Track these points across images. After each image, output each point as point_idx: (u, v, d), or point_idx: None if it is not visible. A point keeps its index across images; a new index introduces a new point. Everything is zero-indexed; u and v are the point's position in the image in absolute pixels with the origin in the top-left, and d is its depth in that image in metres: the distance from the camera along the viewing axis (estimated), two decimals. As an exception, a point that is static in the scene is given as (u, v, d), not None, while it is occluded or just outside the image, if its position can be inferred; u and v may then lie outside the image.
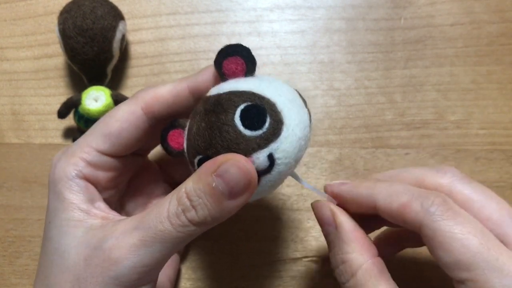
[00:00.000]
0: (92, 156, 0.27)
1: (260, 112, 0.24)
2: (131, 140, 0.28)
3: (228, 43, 0.39)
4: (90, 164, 0.27)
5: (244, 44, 0.26)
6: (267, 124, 0.24)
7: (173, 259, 0.33)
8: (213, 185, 0.23)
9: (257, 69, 0.39)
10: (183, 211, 0.23)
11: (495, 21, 0.40)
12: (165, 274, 0.32)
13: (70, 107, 0.37)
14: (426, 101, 0.38)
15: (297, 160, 0.25)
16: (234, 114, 0.24)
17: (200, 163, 0.25)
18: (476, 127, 0.38)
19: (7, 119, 0.39)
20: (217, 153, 0.24)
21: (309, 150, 0.26)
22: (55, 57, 0.40)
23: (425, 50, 0.39)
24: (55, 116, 0.37)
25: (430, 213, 0.23)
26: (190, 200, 0.23)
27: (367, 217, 0.27)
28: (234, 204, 0.23)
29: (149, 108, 0.28)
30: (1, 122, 0.39)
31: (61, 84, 0.40)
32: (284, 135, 0.24)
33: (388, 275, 0.25)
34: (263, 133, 0.24)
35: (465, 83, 0.39)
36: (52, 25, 0.40)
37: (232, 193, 0.23)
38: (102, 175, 0.28)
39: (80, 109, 0.36)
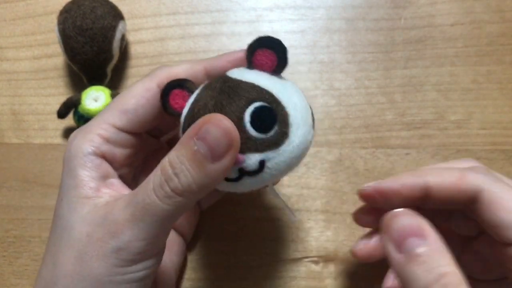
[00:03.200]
0: (109, 132, 0.27)
1: (272, 116, 0.24)
2: (147, 116, 0.28)
3: (228, 43, 0.40)
4: (108, 140, 0.27)
5: (244, 43, 0.26)
6: (272, 132, 0.23)
7: (177, 244, 0.33)
8: (195, 148, 0.22)
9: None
10: (166, 181, 0.23)
11: (495, 21, 0.40)
12: (169, 259, 0.32)
13: (69, 107, 0.37)
14: (426, 101, 0.38)
15: (282, 175, 0.25)
16: (246, 107, 0.23)
17: None
18: (476, 127, 0.38)
19: (7, 119, 0.39)
20: None
21: (309, 150, 0.26)
22: (55, 57, 0.40)
23: (425, 50, 0.39)
24: (55, 116, 0.37)
25: (486, 178, 0.26)
26: (173, 168, 0.23)
27: None
28: (217, 167, 0.23)
29: (162, 84, 0.27)
30: (1, 122, 0.39)
31: (61, 84, 0.40)
32: (283, 148, 0.24)
33: None
34: (266, 138, 0.23)
35: (465, 83, 0.39)
36: (51, 25, 0.40)
37: (214, 155, 0.22)
38: (119, 152, 0.28)
39: (80, 109, 0.36)
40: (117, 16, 0.37)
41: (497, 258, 0.27)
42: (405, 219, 0.23)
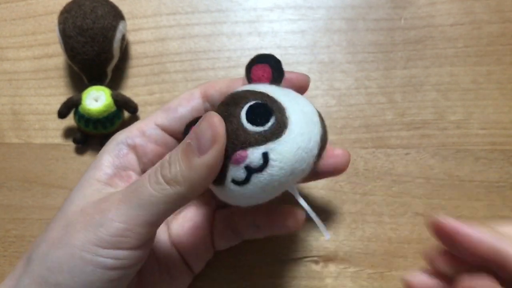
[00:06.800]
0: (149, 127, 0.29)
1: (266, 110, 0.25)
2: (186, 119, 0.29)
3: (228, 43, 0.40)
4: (144, 133, 0.29)
5: (244, 43, 0.27)
6: (269, 123, 0.24)
7: (183, 275, 0.33)
8: (188, 141, 0.24)
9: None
10: (160, 168, 0.25)
11: (495, 21, 0.40)
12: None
13: (70, 107, 0.37)
14: (426, 101, 0.38)
15: (293, 171, 0.25)
16: (242, 108, 0.25)
17: None
18: (476, 127, 0.38)
19: (7, 119, 0.39)
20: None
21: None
22: (55, 57, 0.40)
23: (425, 50, 0.39)
24: (55, 116, 0.37)
25: None
26: (169, 158, 0.25)
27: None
28: (202, 161, 0.24)
29: (204, 92, 0.30)
30: (1, 122, 0.39)
31: (61, 84, 0.40)
32: (284, 139, 0.24)
33: None
34: (264, 130, 0.24)
35: (465, 83, 0.39)
36: (52, 24, 0.40)
37: (200, 149, 0.24)
38: (151, 148, 0.30)
39: (80, 109, 0.36)
40: (118, 16, 0.37)
41: None
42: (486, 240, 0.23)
